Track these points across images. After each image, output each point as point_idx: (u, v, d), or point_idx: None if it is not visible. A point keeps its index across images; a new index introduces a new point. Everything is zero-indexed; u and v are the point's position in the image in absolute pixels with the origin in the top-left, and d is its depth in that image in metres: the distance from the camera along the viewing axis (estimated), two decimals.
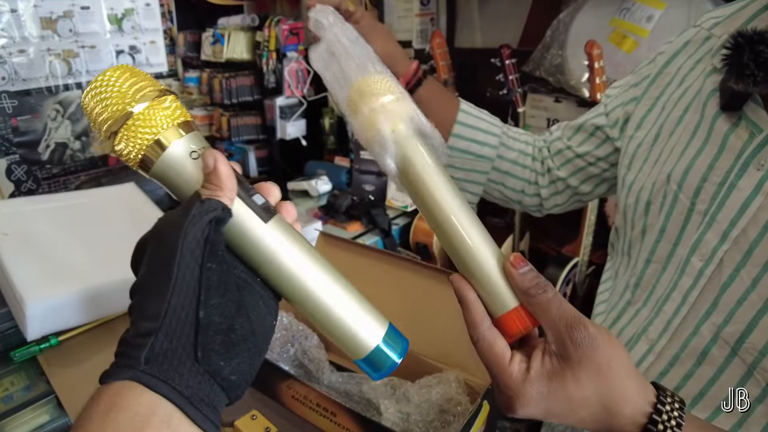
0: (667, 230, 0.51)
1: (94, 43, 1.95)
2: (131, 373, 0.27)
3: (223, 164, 0.30)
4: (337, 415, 0.53)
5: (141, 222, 1.03)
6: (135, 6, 2.04)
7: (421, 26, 1.83)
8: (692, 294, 0.47)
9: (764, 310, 0.41)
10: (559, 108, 1.53)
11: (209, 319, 0.28)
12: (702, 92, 0.50)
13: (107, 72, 0.32)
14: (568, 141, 0.69)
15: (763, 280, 0.41)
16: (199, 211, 0.28)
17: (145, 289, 0.29)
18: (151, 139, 0.31)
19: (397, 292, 0.65)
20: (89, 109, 0.32)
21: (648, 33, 1.25)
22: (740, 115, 0.45)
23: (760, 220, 0.42)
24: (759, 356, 0.41)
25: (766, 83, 0.40)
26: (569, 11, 1.39)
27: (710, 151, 0.47)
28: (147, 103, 0.31)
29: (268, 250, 0.32)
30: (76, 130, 2.01)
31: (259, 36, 2.04)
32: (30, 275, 0.81)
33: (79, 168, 2.06)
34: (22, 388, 0.81)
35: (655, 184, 0.52)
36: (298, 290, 0.32)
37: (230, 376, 0.28)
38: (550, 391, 0.35)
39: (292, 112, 2.15)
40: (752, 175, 0.43)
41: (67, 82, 1.92)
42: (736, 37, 0.42)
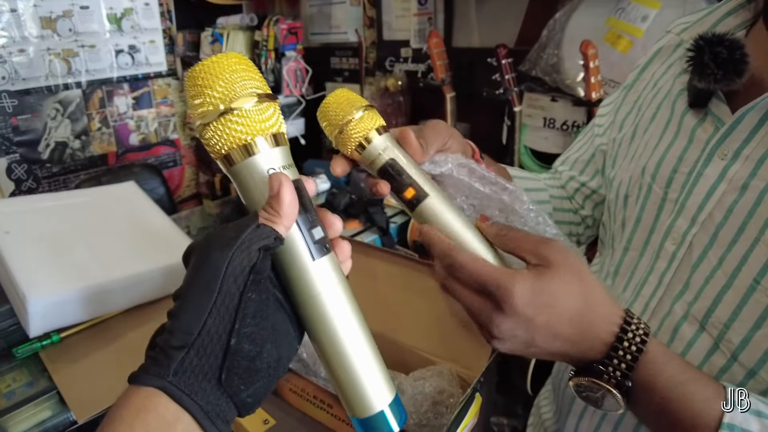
0: (642, 219, 0.54)
1: (93, 42, 1.96)
2: (160, 383, 0.28)
3: (287, 191, 0.30)
4: (333, 407, 0.54)
5: (141, 221, 1.05)
6: (134, 5, 2.05)
7: (419, 26, 1.84)
8: (667, 276, 0.50)
9: (728, 285, 0.44)
10: (556, 107, 1.54)
11: (239, 346, 0.29)
12: (672, 92, 0.54)
13: (221, 56, 0.31)
14: (580, 178, 0.72)
15: (728, 258, 0.44)
16: (250, 237, 0.29)
17: (186, 301, 0.30)
18: (242, 140, 0.30)
19: (393, 288, 0.67)
20: (188, 89, 0.31)
21: (643, 33, 1.26)
22: (706, 111, 0.49)
23: (725, 204, 0.45)
24: (723, 329, 0.44)
25: (725, 81, 0.44)
26: (565, 11, 1.40)
27: (680, 144, 0.51)
28: (250, 103, 0.31)
29: (308, 286, 0.31)
30: (76, 129, 2.02)
31: (258, 35, 2.05)
32: (32, 273, 0.82)
33: (78, 167, 2.07)
34: (24, 384, 0.82)
35: (632, 177, 0.56)
36: (324, 333, 0.32)
37: (247, 399, 0.30)
38: (536, 286, 0.38)
39: (290, 111, 2.16)
40: (717, 164, 0.47)
41: (67, 81, 1.93)
42: (697, 40, 0.46)
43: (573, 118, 1.52)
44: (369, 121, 0.43)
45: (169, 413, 0.28)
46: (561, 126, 1.55)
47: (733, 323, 0.44)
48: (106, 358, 0.84)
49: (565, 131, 1.55)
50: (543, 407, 0.75)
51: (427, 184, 0.43)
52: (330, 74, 2.23)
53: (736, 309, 0.43)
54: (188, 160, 2.64)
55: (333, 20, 2.10)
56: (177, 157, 2.55)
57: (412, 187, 0.42)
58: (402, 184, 0.42)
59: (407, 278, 0.67)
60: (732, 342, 0.44)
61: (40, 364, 0.85)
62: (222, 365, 0.29)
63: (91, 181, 2.03)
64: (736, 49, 0.44)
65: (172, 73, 2.29)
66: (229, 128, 0.30)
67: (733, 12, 0.51)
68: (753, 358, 0.43)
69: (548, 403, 0.74)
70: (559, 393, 0.67)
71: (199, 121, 0.31)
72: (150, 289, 0.95)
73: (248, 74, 0.31)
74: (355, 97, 0.44)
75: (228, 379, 0.29)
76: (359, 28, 2.05)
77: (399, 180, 0.42)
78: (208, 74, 0.30)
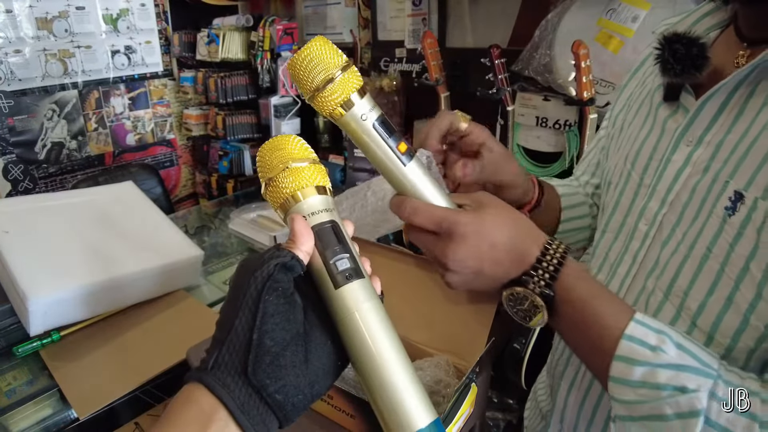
0: (620, 203, 0.59)
1: (89, 43, 1.97)
2: (200, 375, 0.33)
3: (300, 226, 0.36)
4: (333, 398, 0.56)
5: (139, 220, 1.06)
6: (130, 6, 2.06)
7: (413, 26, 1.85)
8: (640, 255, 0.54)
9: (687, 256, 0.48)
10: (548, 106, 1.56)
11: (261, 341, 0.32)
12: (652, 88, 0.59)
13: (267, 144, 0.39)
14: (592, 180, 0.75)
15: (689, 232, 0.48)
16: (269, 256, 0.34)
17: (225, 309, 0.35)
18: (290, 193, 0.37)
19: (390, 282, 0.68)
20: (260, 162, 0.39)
21: (633, 33, 1.28)
22: (678, 104, 0.53)
23: (689, 185, 0.49)
24: (684, 297, 0.48)
25: (686, 74, 0.49)
26: (557, 11, 1.42)
27: (655, 134, 0.55)
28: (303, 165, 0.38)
29: (334, 310, 0.35)
30: (73, 129, 2.03)
31: (254, 36, 2.06)
32: (32, 272, 0.83)
33: (75, 167, 2.08)
34: (25, 383, 0.83)
35: (617, 166, 0.61)
36: (357, 355, 0.35)
37: (275, 395, 0.33)
38: (478, 219, 0.43)
39: (286, 111, 2.17)
40: (683, 150, 0.51)
41: (63, 82, 1.94)
42: (660, 39, 0.51)
43: (565, 117, 1.54)
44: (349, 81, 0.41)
45: (208, 405, 0.32)
46: (553, 125, 1.57)
47: (691, 290, 0.48)
48: (107, 356, 0.85)
49: (558, 130, 1.57)
50: (539, 391, 0.78)
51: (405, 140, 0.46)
52: None
53: (692, 277, 0.47)
54: (185, 159, 2.65)
55: (328, 21, 2.11)
56: (173, 157, 2.56)
57: (405, 142, 0.44)
58: (398, 138, 0.44)
59: (403, 273, 0.68)
60: (690, 308, 0.48)
61: (40, 363, 0.86)
62: (246, 357, 0.32)
63: (88, 181, 2.04)
64: (692, 46, 0.48)
65: (168, 73, 2.31)
66: (281, 186, 0.38)
67: (710, 13, 0.55)
68: (708, 322, 0.46)
69: (543, 387, 0.77)
70: (551, 372, 0.71)
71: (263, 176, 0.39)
72: (149, 287, 0.96)
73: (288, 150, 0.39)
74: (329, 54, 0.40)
75: (254, 371, 0.32)
76: (354, 29, 2.06)
77: (394, 135, 0.44)
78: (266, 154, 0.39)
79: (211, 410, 0.32)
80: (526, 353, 1.38)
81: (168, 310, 0.97)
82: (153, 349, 0.86)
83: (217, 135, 2.36)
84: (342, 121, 0.41)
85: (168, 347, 0.85)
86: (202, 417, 0.31)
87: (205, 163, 2.58)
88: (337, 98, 0.40)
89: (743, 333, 0.44)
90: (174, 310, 0.97)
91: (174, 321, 0.94)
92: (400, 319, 0.64)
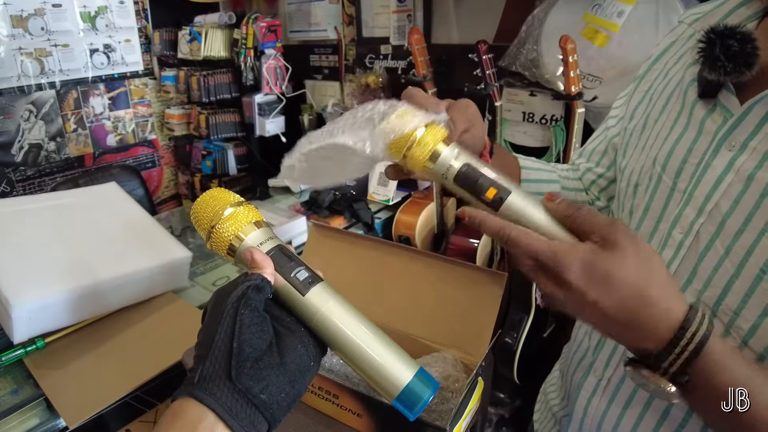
0: (651, 208, 0.55)
1: (67, 41, 1.91)
2: (187, 390, 0.36)
3: (258, 255, 0.41)
4: (339, 397, 0.55)
5: (125, 221, 1.03)
6: (108, 3, 2.01)
7: (398, 23, 1.84)
8: (674, 264, 0.51)
9: (736, 275, 0.45)
10: (534, 101, 1.57)
11: (240, 349, 0.36)
12: (683, 82, 0.54)
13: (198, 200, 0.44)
14: (596, 169, 0.72)
15: (735, 248, 0.45)
16: (241, 281, 0.39)
17: (204, 330, 0.39)
18: (233, 234, 0.42)
19: (392, 278, 0.67)
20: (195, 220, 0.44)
21: (619, 28, 1.29)
22: (715, 102, 0.49)
23: (731, 194, 0.46)
24: (733, 316, 0.45)
25: (736, 73, 0.45)
26: (543, 7, 1.43)
27: (689, 135, 0.51)
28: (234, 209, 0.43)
29: (307, 312, 0.40)
30: (51, 130, 1.97)
31: (237, 33, 2.03)
32: (15, 277, 0.80)
33: (54, 169, 2.03)
34: (9, 392, 0.81)
35: (643, 167, 0.57)
36: (335, 341, 0.40)
37: (260, 395, 0.36)
38: (590, 261, 0.37)
39: (270, 109, 2.15)
40: (724, 155, 0.47)
41: (40, 81, 1.88)
42: (709, 32, 0.47)
43: (552, 112, 1.55)
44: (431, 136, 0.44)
45: (195, 415, 0.34)
46: (540, 120, 1.58)
47: (742, 311, 0.45)
48: (95, 362, 0.83)
49: (544, 125, 1.58)
50: (550, 393, 0.76)
51: (504, 179, 0.44)
52: (309, 72, 2.23)
53: (744, 297, 0.44)
54: (166, 160, 2.61)
55: (312, 18, 2.09)
56: (155, 158, 2.51)
57: (493, 186, 0.43)
58: (482, 186, 0.43)
59: (404, 268, 0.68)
60: (742, 328, 0.45)
61: (24, 371, 0.83)
62: (230, 365, 0.36)
63: (68, 183, 1.99)
64: (747, 42, 0.44)
65: (149, 72, 2.26)
66: (222, 232, 0.43)
67: (745, 2, 0.51)
68: (762, 343, 0.44)
69: (555, 389, 0.75)
70: (567, 378, 0.68)
71: (204, 234, 0.43)
72: (137, 290, 0.94)
73: (219, 200, 0.43)
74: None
75: (237, 375, 0.35)
76: (338, 26, 2.05)
77: (478, 183, 0.43)
78: (197, 212, 0.44)
79: (197, 419, 0.34)
80: (518, 348, 1.38)
81: (157, 312, 0.94)
82: (144, 353, 0.84)
83: (200, 134, 2.32)
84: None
85: (159, 351, 0.83)
86: (188, 426, 0.34)
87: (188, 164, 2.54)
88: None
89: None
90: (163, 312, 0.95)
91: (164, 324, 0.92)
92: (404, 315, 0.63)
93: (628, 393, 0.55)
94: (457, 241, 1.61)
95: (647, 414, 0.53)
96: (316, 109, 2.21)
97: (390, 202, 1.73)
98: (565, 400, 0.69)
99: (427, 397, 0.38)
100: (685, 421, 0.50)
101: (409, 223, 1.64)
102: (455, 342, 0.61)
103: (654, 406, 0.53)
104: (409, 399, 0.38)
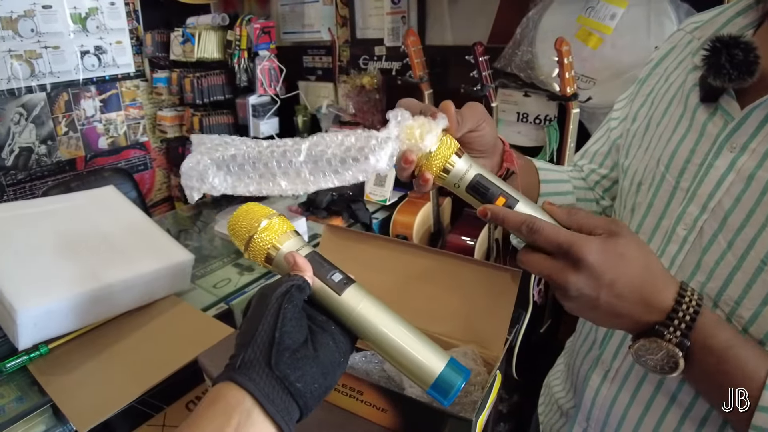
0: (654, 206, 0.58)
1: (57, 43, 1.89)
2: (228, 375, 0.38)
3: (300, 259, 0.44)
4: (363, 393, 0.56)
5: (125, 224, 1.03)
6: (99, 5, 1.99)
7: (393, 24, 1.85)
8: (678, 258, 0.54)
9: (738, 267, 0.48)
10: (528, 102, 1.59)
11: (282, 340, 0.39)
12: (684, 87, 0.58)
13: (234, 215, 0.47)
14: (600, 170, 0.75)
15: (737, 242, 0.48)
16: (285, 281, 0.43)
17: (248, 321, 0.42)
18: (271, 243, 0.46)
19: (407, 277, 0.68)
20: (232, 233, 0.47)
21: (612, 30, 1.31)
22: (716, 106, 0.52)
23: (733, 192, 0.49)
24: (735, 306, 0.48)
25: (739, 80, 0.48)
26: (537, 9, 1.44)
27: (692, 137, 0.55)
28: (270, 220, 0.46)
29: (343, 312, 0.44)
30: (42, 134, 1.94)
31: (230, 35, 2.03)
32: (18, 282, 0.79)
33: (45, 173, 2.00)
34: (14, 400, 0.80)
35: (647, 167, 0.60)
36: (371, 337, 0.43)
37: (296, 383, 0.38)
38: (606, 247, 0.42)
39: (265, 111, 2.14)
40: (726, 156, 0.50)
41: (30, 84, 1.85)
42: (714, 41, 0.50)
43: (545, 112, 1.57)
44: (445, 148, 0.47)
45: (234, 398, 0.37)
46: (534, 120, 1.60)
47: (744, 300, 0.48)
48: (100, 367, 0.82)
49: (538, 125, 1.60)
50: (554, 386, 0.78)
51: (511, 189, 0.48)
52: (302, 73, 2.23)
53: (745, 287, 0.47)
54: (159, 162, 2.59)
55: (305, 19, 2.09)
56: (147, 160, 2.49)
57: (502, 195, 0.47)
58: (492, 195, 0.47)
59: (419, 266, 0.69)
60: (743, 317, 0.48)
61: (28, 378, 0.82)
62: (270, 353, 0.38)
63: (60, 187, 1.96)
64: (750, 51, 0.47)
65: (140, 74, 2.24)
66: (259, 241, 0.46)
67: (742, 12, 0.54)
68: (761, 330, 0.46)
69: (560, 382, 0.77)
70: (573, 370, 0.70)
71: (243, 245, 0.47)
72: (141, 294, 0.93)
73: (255, 213, 0.47)
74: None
75: (277, 363, 0.38)
76: (332, 27, 2.05)
77: (489, 192, 0.48)
78: (236, 222, 0.47)
79: (236, 402, 0.36)
80: (517, 343, 1.40)
81: (161, 316, 0.94)
82: (151, 356, 0.84)
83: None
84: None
85: (167, 354, 0.82)
86: (227, 409, 0.36)
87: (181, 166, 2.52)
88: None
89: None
90: (168, 315, 0.94)
91: (170, 327, 0.91)
92: (421, 313, 0.64)
93: (636, 381, 0.57)
94: (454, 239, 1.63)
95: (655, 401, 0.55)
96: (310, 110, 2.21)
97: (387, 202, 1.74)
98: (571, 392, 0.71)
99: (459, 384, 0.41)
100: (692, 405, 0.52)
101: (407, 222, 1.65)
102: (473, 338, 0.62)
103: (662, 392, 0.55)
104: (443, 386, 0.41)
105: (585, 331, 0.68)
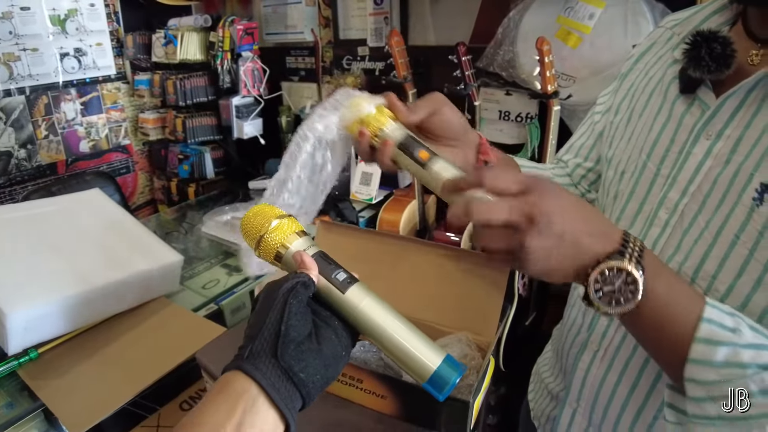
0: (636, 192, 0.61)
1: (36, 45, 1.86)
2: (236, 364, 0.41)
3: (306, 258, 0.47)
4: (363, 381, 0.58)
5: (113, 226, 1.02)
6: (78, 6, 1.96)
7: (375, 25, 1.87)
8: (660, 241, 0.57)
9: (713, 243, 0.51)
10: (510, 100, 1.62)
11: (287, 332, 0.41)
12: (664, 80, 0.61)
13: (246, 215, 0.50)
14: (585, 164, 0.77)
15: (713, 220, 0.52)
16: (292, 277, 0.45)
17: (256, 314, 0.44)
18: (280, 243, 0.48)
19: (400, 269, 0.70)
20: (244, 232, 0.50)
21: (590, 29, 1.35)
22: (694, 97, 0.56)
23: (711, 176, 0.52)
24: (711, 280, 0.51)
25: (717, 72, 0.52)
26: (518, 9, 1.47)
27: (671, 127, 0.58)
28: (280, 221, 0.49)
29: (347, 309, 0.46)
30: (21, 137, 1.91)
31: (213, 36, 2.02)
32: (6, 287, 0.79)
33: (26, 177, 1.97)
34: (4, 406, 0.79)
35: (630, 157, 0.63)
36: (372, 332, 0.46)
37: (299, 373, 0.41)
38: (549, 185, 0.43)
39: (248, 112, 2.14)
40: (703, 143, 0.54)
41: (9, 87, 1.82)
42: (695, 35, 0.54)
43: (527, 110, 1.60)
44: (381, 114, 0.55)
45: (240, 386, 0.39)
46: (515, 118, 1.63)
47: (719, 273, 0.50)
48: (92, 370, 0.82)
49: (519, 123, 1.63)
50: (544, 373, 0.81)
51: (434, 148, 0.55)
52: (286, 74, 2.23)
53: (721, 261, 0.50)
54: (141, 165, 2.56)
55: (288, 20, 2.10)
56: (130, 163, 2.46)
57: (426, 150, 0.53)
58: (416, 148, 0.53)
59: (412, 258, 0.71)
60: (719, 290, 0.50)
61: (18, 384, 0.81)
62: (276, 345, 0.41)
63: (40, 191, 1.93)
64: (727, 45, 0.51)
65: (121, 76, 2.21)
66: (270, 241, 0.48)
67: (718, 11, 0.58)
68: (736, 302, 0.49)
69: (549, 368, 0.80)
70: (562, 355, 0.73)
71: (253, 244, 0.49)
72: (131, 296, 0.93)
73: (264, 214, 0.49)
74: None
75: (282, 354, 0.40)
76: (315, 28, 2.06)
77: (414, 147, 0.53)
78: (248, 222, 0.49)
79: (242, 389, 0.39)
80: (503, 333, 1.43)
81: (152, 317, 0.94)
82: (143, 357, 0.84)
83: (176, 138, 2.29)
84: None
85: (159, 355, 0.83)
86: (234, 395, 0.39)
87: (164, 168, 2.50)
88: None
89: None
90: (158, 317, 0.95)
91: (160, 328, 0.92)
92: (415, 303, 0.66)
93: (624, 360, 0.60)
94: (440, 236, 1.65)
95: (642, 379, 0.59)
96: (294, 111, 2.21)
97: (372, 200, 1.76)
98: (560, 376, 0.74)
99: (454, 380, 0.43)
100: None
101: (393, 220, 1.67)
102: (466, 325, 0.64)
103: (647, 371, 0.58)
104: (438, 382, 0.43)
105: (573, 315, 0.71)
